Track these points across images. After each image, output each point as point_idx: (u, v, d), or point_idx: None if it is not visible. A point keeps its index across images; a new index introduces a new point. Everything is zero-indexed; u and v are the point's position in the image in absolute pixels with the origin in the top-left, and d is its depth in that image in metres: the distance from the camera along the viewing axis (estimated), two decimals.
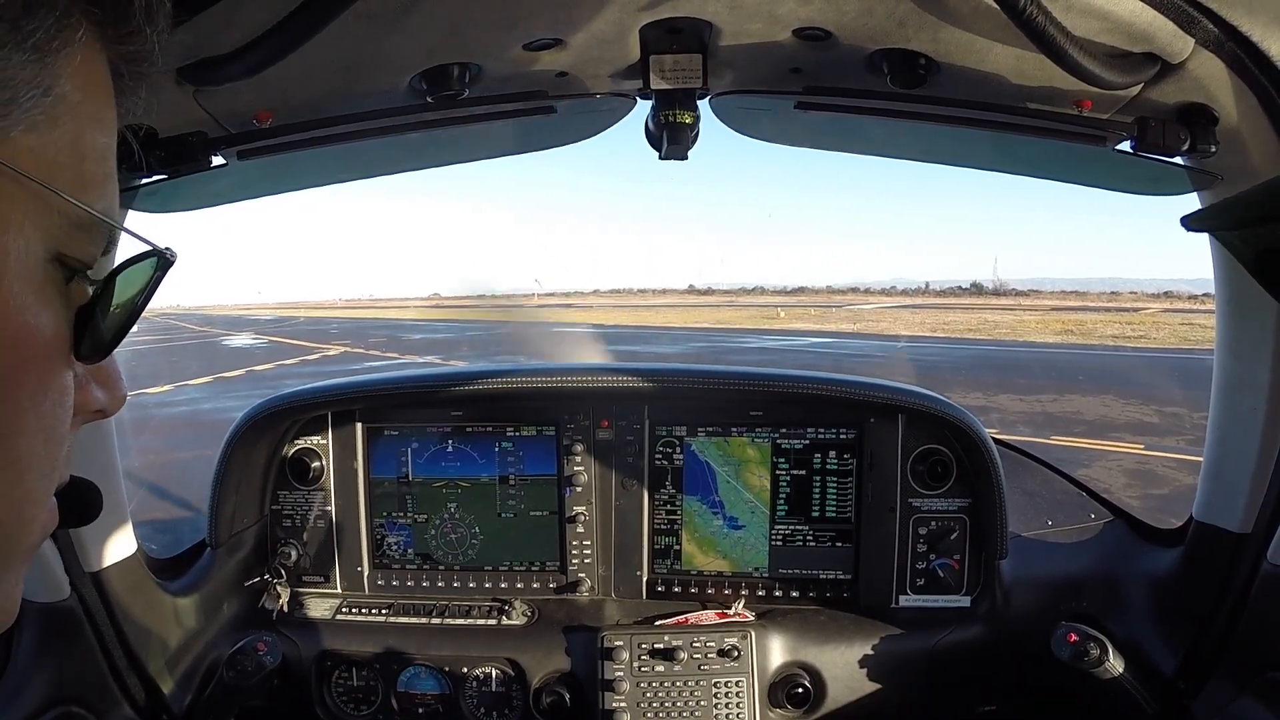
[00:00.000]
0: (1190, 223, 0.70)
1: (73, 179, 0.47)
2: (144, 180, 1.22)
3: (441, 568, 1.98)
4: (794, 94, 1.30)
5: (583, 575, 1.93)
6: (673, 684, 1.71)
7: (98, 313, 0.51)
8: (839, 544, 1.91)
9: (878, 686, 1.75)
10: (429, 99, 1.20)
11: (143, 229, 0.58)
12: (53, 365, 0.48)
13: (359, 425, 1.96)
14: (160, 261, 0.55)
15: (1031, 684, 1.77)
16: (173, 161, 1.16)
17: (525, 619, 1.86)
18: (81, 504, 0.59)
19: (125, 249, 0.56)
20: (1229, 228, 0.65)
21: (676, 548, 1.95)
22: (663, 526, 1.95)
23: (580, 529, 1.93)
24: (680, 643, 1.73)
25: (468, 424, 1.95)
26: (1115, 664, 1.57)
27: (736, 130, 1.49)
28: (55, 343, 0.48)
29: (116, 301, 0.52)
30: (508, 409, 1.95)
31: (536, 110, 1.34)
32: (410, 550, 1.99)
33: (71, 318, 0.49)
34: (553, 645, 1.80)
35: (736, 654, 1.73)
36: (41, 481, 0.49)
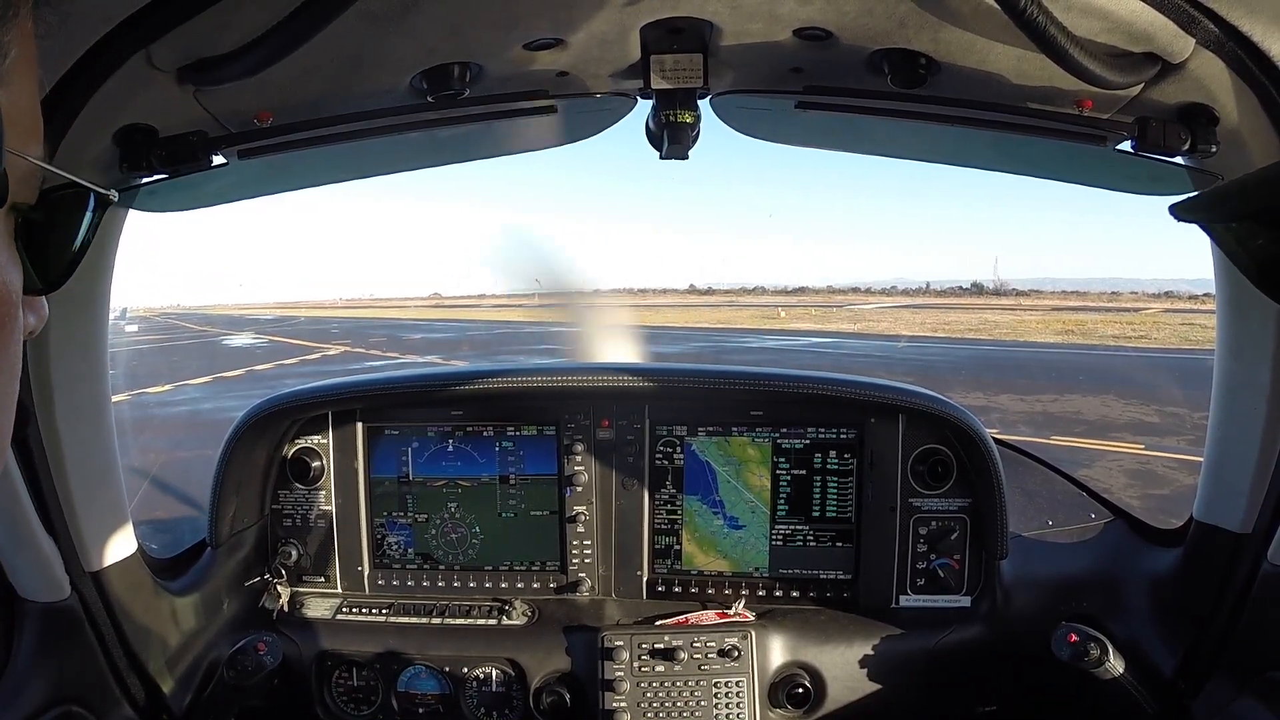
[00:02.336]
0: (1179, 212, 0.67)
1: (19, 132, 0.49)
2: (144, 180, 1.22)
3: (442, 567, 1.98)
4: (794, 94, 1.30)
5: (583, 575, 1.93)
6: (673, 684, 1.71)
7: (43, 250, 0.54)
8: (839, 544, 1.90)
9: (878, 686, 1.75)
10: (429, 99, 1.20)
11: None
12: (16, 310, 0.51)
13: (359, 425, 1.95)
14: (98, 199, 0.58)
15: (1032, 684, 1.77)
16: (173, 161, 1.17)
17: (525, 619, 1.86)
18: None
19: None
20: (1220, 219, 0.63)
21: (677, 548, 1.95)
22: (663, 526, 1.95)
23: (580, 529, 1.93)
24: (680, 643, 1.73)
25: (468, 423, 1.95)
26: (1115, 664, 1.57)
27: (737, 130, 1.49)
28: (18, 289, 0.51)
29: (63, 240, 0.56)
30: (508, 408, 1.95)
31: (537, 110, 1.35)
32: (410, 550, 1.99)
33: (20, 260, 0.52)
34: (553, 645, 1.80)
35: (737, 654, 1.72)
36: (8, 414, 0.53)
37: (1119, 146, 1.24)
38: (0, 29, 0.46)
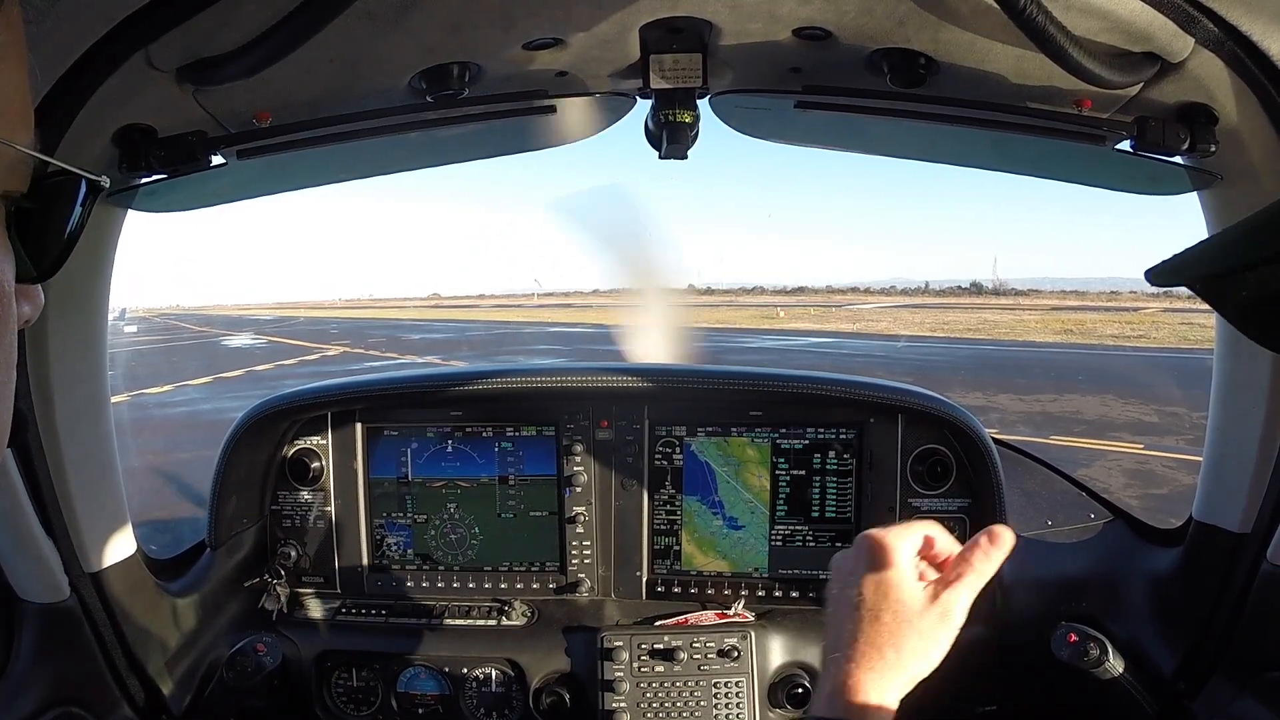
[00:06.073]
0: (1154, 278, 0.64)
1: (6, 120, 0.49)
2: (144, 180, 1.22)
3: (441, 568, 1.98)
4: (794, 93, 1.30)
5: (582, 575, 1.93)
6: (673, 684, 1.71)
7: (36, 238, 0.54)
8: (839, 544, 1.90)
9: None
10: (429, 98, 1.20)
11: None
12: (8, 300, 0.51)
13: (359, 425, 1.95)
14: (90, 186, 0.58)
15: (1032, 684, 1.77)
16: (172, 161, 1.16)
17: (525, 619, 1.86)
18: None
19: None
20: (1197, 279, 0.60)
21: (676, 548, 1.95)
22: (662, 527, 1.95)
23: (580, 529, 1.93)
24: (680, 643, 1.73)
25: (467, 424, 1.95)
26: (1115, 664, 1.57)
27: (736, 130, 1.49)
28: (9, 278, 0.51)
29: (55, 229, 0.56)
30: (507, 409, 1.95)
31: (536, 110, 1.35)
32: (410, 550, 1.98)
33: (12, 249, 0.52)
34: (552, 646, 1.79)
35: (736, 654, 1.72)
36: (5, 402, 0.53)
37: (1118, 146, 1.24)
38: None
